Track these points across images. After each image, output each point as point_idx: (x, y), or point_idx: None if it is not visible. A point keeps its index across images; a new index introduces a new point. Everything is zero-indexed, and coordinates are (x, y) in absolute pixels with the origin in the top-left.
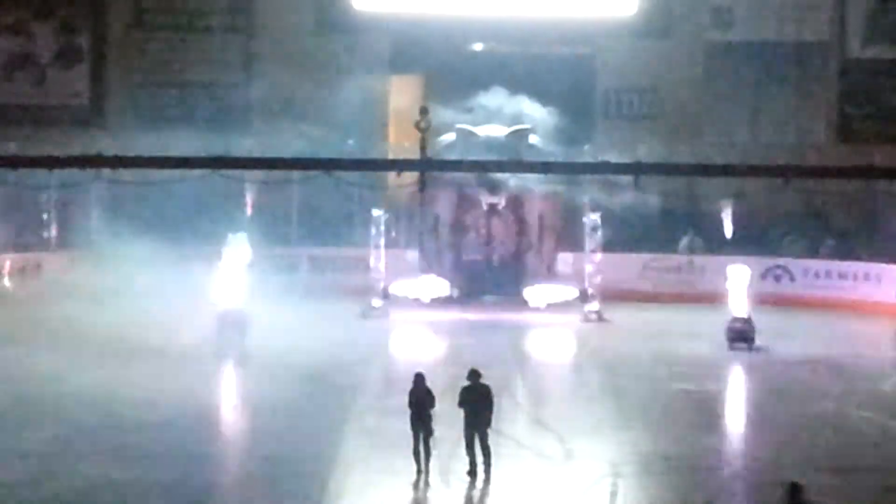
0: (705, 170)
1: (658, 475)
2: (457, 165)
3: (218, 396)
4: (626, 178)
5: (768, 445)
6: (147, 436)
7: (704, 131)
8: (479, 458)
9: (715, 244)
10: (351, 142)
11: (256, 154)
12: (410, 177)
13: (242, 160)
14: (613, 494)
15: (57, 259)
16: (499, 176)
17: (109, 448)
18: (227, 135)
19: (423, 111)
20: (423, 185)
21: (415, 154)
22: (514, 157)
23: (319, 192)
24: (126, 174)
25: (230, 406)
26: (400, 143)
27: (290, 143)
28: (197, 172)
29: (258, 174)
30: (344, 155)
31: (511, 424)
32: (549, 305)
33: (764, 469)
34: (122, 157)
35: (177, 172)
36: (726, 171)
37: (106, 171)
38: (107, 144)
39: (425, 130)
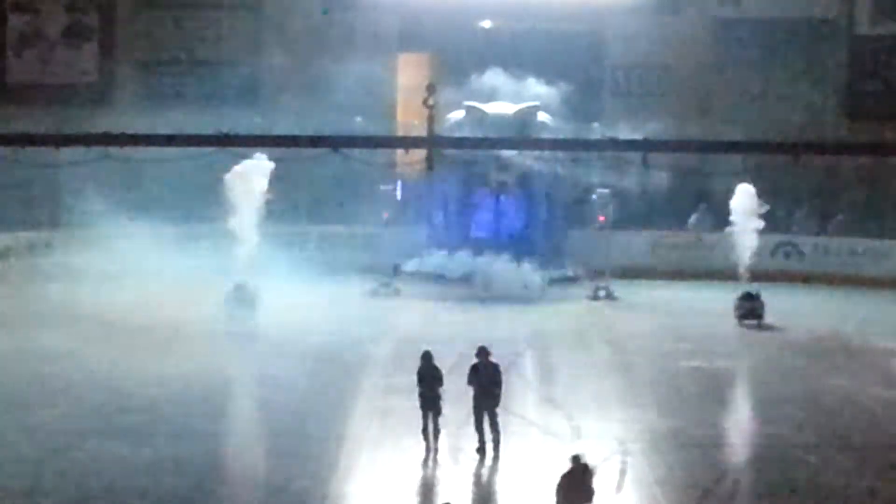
0: (713, 147)
1: (666, 453)
2: (465, 143)
3: (227, 374)
4: (635, 155)
5: (778, 423)
6: (155, 413)
7: (713, 108)
8: (488, 436)
9: (724, 221)
10: (359, 119)
11: (264, 132)
12: (419, 155)
13: (250, 138)
14: (622, 472)
15: (66, 237)
16: (507, 153)
17: (118, 425)
18: (236, 113)
19: (431, 88)
20: (431, 162)
21: (423, 132)
22: (522, 135)
23: (328, 170)
24: (134, 152)
25: (239, 383)
26: (408, 120)
27: (299, 121)
28: (205, 150)
29: (267, 152)
30: (352, 132)
31: (520, 402)
32: (558, 282)
33: (774, 446)
34: (131, 134)
35: (184, 150)
36: (734, 147)
37: (114, 150)
38: (115, 122)
39: (433, 108)
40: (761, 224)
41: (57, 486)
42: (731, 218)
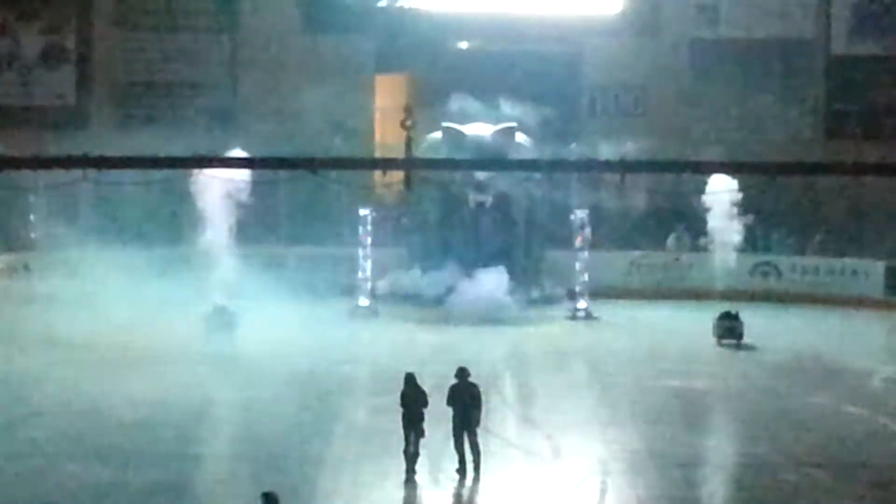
0: (690, 167)
1: (646, 472)
2: (442, 164)
3: (205, 396)
4: (613, 176)
5: (757, 441)
6: (134, 436)
7: (691, 129)
8: (469, 457)
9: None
10: (337, 140)
11: (242, 153)
12: (397, 176)
13: (228, 160)
14: (602, 492)
15: (44, 260)
16: (486, 174)
17: (96, 448)
18: (213, 135)
19: (409, 110)
20: (409, 184)
21: (401, 153)
22: (500, 156)
23: (306, 191)
24: (107, 175)
25: (218, 406)
26: (386, 141)
27: (276, 143)
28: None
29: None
30: (330, 154)
31: (500, 422)
32: (537, 302)
33: (752, 465)
34: (108, 157)
35: (157, 172)
36: (712, 168)
37: (90, 172)
38: (92, 145)
39: (411, 129)
40: (739, 235)
41: None
42: (710, 225)
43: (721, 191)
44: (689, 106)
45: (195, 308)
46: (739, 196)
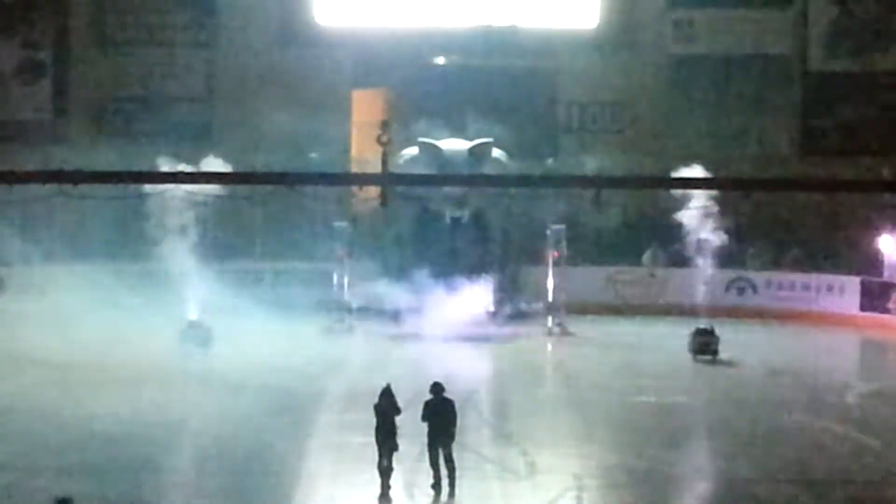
0: (666, 183)
1: (621, 488)
2: (417, 180)
3: (181, 411)
4: (589, 192)
5: (732, 457)
6: (109, 451)
7: (668, 144)
8: (444, 472)
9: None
10: (314, 155)
11: (219, 168)
12: (373, 191)
13: (203, 175)
14: None
15: (15, 277)
16: (462, 190)
17: (70, 463)
18: (190, 149)
19: (385, 125)
20: (385, 199)
21: (377, 167)
22: (476, 171)
23: (282, 206)
24: (77, 190)
25: (193, 421)
26: (363, 156)
27: (253, 157)
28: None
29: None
30: (307, 168)
31: (475, 438)
32: (512, 318)
33: (728, 480)
34: (82, 172)
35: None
36: (688, 184)
37: (66, 186)
38: (68, 159)
39: (387, 144)
40: (715, 251)
41: None
42: (685, 241)
43: (696, 206)
44: (665, 122)
45: (169, 324)
46: (715, 212)
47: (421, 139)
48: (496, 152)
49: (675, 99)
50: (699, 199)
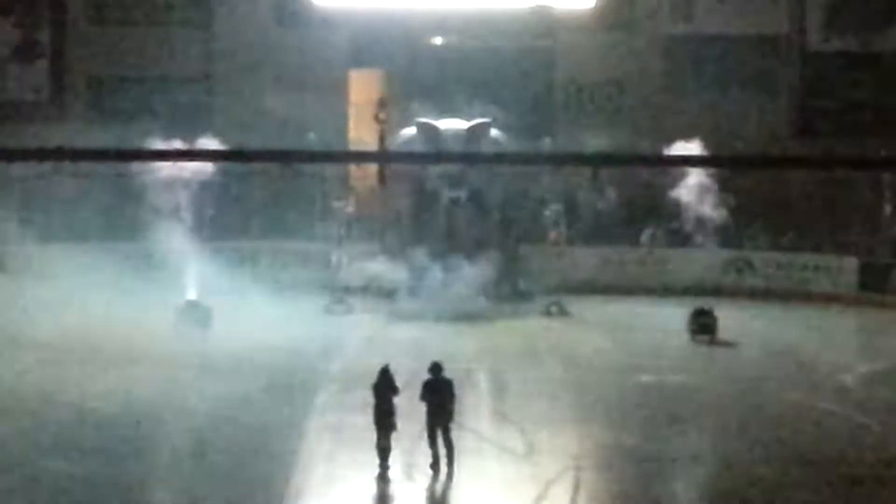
0: (664, 161)
1: (620, 468)
2: (414, 158)
3: (178, 391)
4: (588, 171)
5: (730, 438)
6: (109, 431)
7: (666, 125)
8: (442, 452)
9: (676, 236)
10: (312, 135)
11: (214, 143)
12: (371, 170)
13: (201, 152)
14: (575, 487)
15: (18, 256)
16: (460, 170)
17: (70, 443)
18: (187, 130)
19: (382, 103)
20: (382, 177)
21: (374, 148)
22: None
23: (279, 185)
24: (81, 168)
25: (191, 401)
26: (360, 137)
27: (250, 137)
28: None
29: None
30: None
31: (473, 418)
32: (511, 298)
33: (726, 460)
34: (79, 149)
35: (131, 165)
36: (686, 162)
37: (63, 165)
38: (66, 139)
39: (384, 122)
40: (713, 231)
41: (7, 501)
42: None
43: (694, 184)
44: (663, 102)
45: (167, 304)
46: (713, 188)
47: (419, 119)
48: (494, 132)
49: (672, 79)
50: (697, 176)
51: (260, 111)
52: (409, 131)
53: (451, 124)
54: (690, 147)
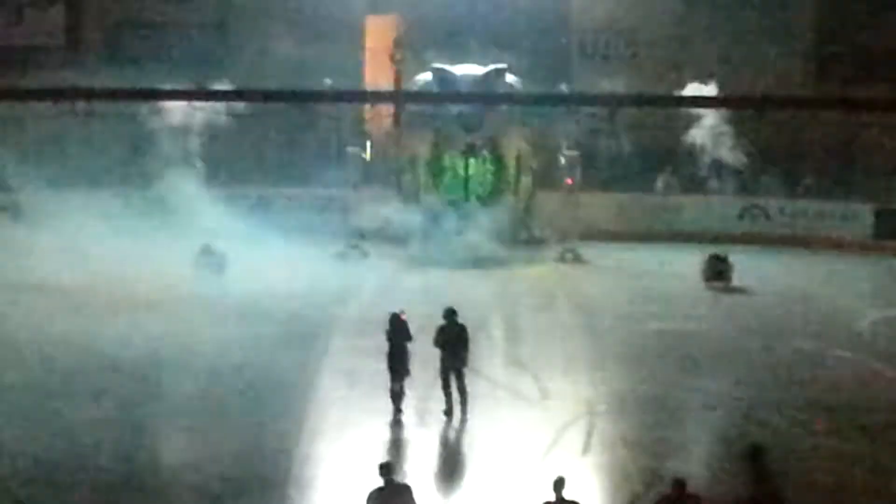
0: (679, 101)
1: (633, 414)
2: (430, 97)
3: (194, 336)
4: (604, 118)
5: (744, 384)
6: (122, 375)
7: (681, 71)
8: (456, 398)
9: (692, 182)
10: (328, 81)
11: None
12: (386, 115)
13: (218, 92)
14: (588, 433)
15: (33, 202)
16: (476, 116)
17: (84, 388)
18: (203, 77)
19: (398, 43)
20: (398, 118)
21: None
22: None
23: (294, 130)
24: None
25: (207, 346)
26: (376, 84)
27: (266, 84)
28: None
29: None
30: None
31: (487, 364)
32: (526, 244)
33: (739, 407)
34: (95, 89)
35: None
36: (701, 102)
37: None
38: (81, 84)
39: (400, 63)
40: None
41: (21, 446)
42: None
43: (709, 130)
44: (678, 48)
45: (181, 250)
46: (728, 131)
47: (434, 65)
48: (510, 78)
49: (688, 25)
50: (712, 122)
51: (275, 57)
52: (425, 77)
53: (467, 70)
54: (706, 90)
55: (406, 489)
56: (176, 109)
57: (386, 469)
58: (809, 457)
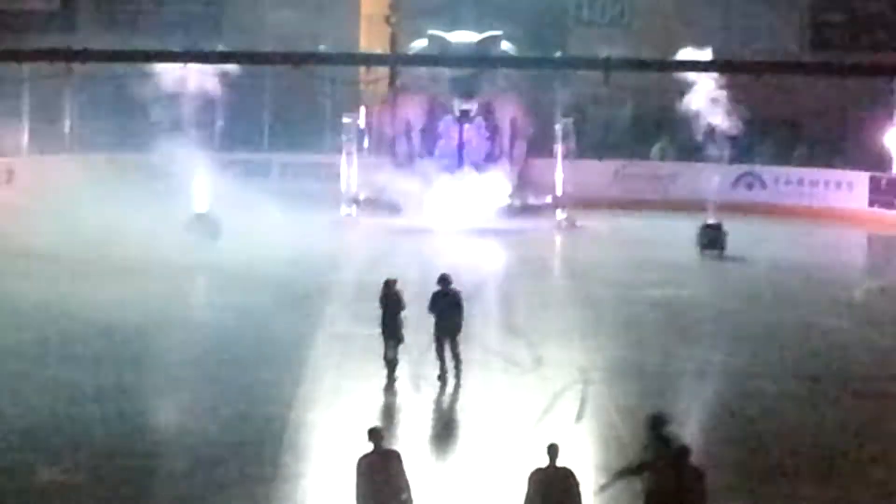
0: (675, 66)
1: (627, 381)
2: (425, 60)
3: (188, 302)
4: (599, 84)
5: (738, 352)
6: (115, 341)
7: (677, 39)
8: (450, 364)
9: (687, 149)
10: (323, 48)
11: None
12: (382, 80)
13: (212, 54)
14: (582, 400)
15: (30, 165)
16: (471, 81)
17: (78, 352)
18: (197, 41)
19: (394, 6)
20: (393, 80)
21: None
22: (485, 65)
23: (290, 97)
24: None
25: (200, 312)
26: (372, 49)
27: (261, 50)
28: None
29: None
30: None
31: (481, 330)
32: (520, 211)
33: (733, 375)
34: (90, 50)
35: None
36: (696, 67)
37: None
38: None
39: (395, 25)
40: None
41: (13, 410)
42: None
43: (705, 98)
44: (674, 16)
45: (177, 216)
46: (723, 97)
47: (430, 31)
48: (505, 45)
49: None
50: (707, 89)
51: (270, 23)
52: (421, 43)
53: (462, 37)
54: (701, 55)
55: (395, 455)
56: (169, 75)
57: (375, 434)
58: (800, 425)
